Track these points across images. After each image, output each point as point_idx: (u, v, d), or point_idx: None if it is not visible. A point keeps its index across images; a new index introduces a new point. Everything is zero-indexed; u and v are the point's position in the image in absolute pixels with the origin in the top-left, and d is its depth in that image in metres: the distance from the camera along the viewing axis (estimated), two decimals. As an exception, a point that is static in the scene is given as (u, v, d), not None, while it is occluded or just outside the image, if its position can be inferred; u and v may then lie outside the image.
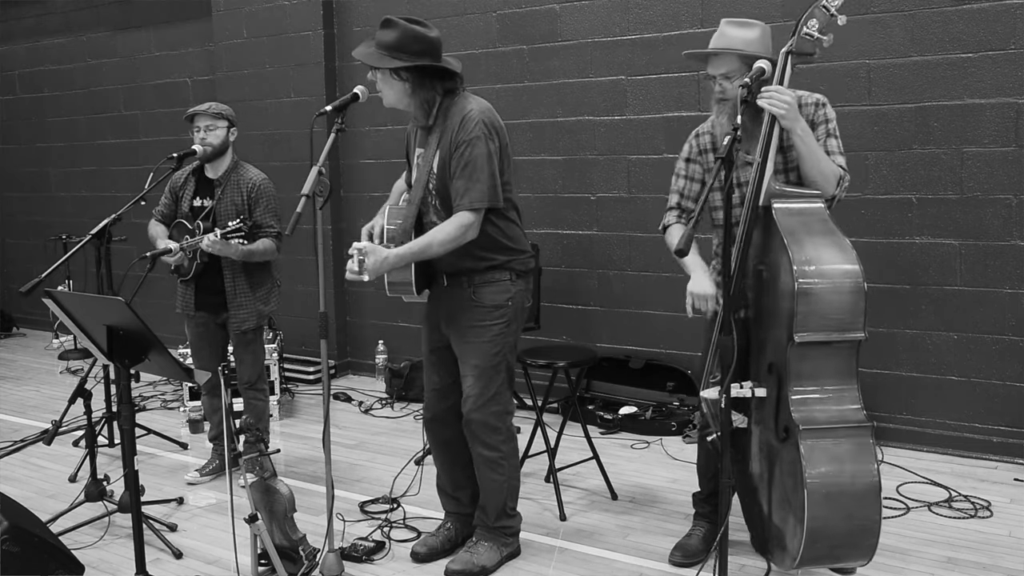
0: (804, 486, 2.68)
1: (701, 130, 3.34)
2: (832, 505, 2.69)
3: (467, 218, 3.15)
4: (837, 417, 2.76)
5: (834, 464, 2.72)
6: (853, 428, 2.76)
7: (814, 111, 3.08)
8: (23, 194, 8.56)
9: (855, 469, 2.72)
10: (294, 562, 3.32)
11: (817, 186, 2.96)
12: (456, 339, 3.36)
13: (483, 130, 3.19)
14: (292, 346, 6.48)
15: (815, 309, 2.73)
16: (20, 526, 3.04)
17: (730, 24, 3.09)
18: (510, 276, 3.34)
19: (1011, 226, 4.34)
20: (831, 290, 2.75)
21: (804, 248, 2.78)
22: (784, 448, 2.80)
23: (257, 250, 4.15)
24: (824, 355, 2.79)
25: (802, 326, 2.73)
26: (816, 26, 2.90)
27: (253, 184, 4.25)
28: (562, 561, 3.50)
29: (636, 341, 5.39)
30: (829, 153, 3.03)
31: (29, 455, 4.92)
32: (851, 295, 2.76)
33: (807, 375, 2.79)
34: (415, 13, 5.85)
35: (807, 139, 2.93)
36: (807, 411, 2.76)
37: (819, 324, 2.74)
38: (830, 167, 2.98)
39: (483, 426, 3.33)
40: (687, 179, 3.36)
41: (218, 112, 4.22)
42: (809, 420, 2.75)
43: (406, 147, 3.50)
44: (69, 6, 7.91)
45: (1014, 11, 4.25)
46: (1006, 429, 4.43)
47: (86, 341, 3.14)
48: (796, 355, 2.76)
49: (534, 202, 5.63)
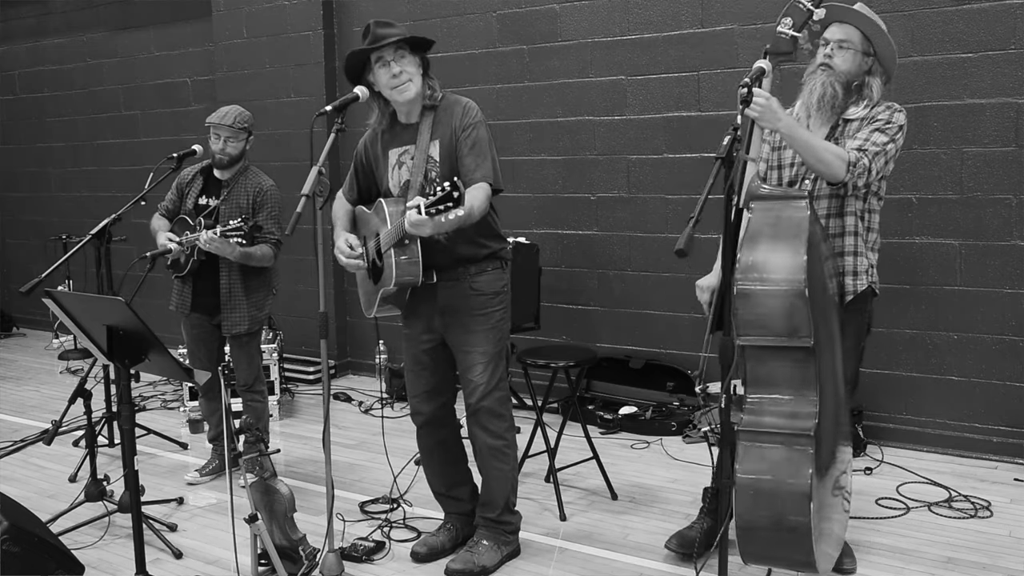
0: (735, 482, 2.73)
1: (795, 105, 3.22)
2: (758, 507, 2.72)
3: (487, 188, 3.18)
4: (782, 424, 2.76)
5: (765, 467, 2.73)
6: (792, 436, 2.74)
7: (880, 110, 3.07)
8: (23, 194, 8.56)
9: (786, 474, 2.72)
10: (294, 562, 3.32)
11: (822, 175, 2.95)
12: (458, 331, 3.35)
13: (482, 118, 3.27)
14: (292, 346, 6.48)
15: (752, 312, 2.73)
16: (20, 526, 3.04)
17: (864, 7, 3.09)
18: (501, 264, 3.39)
19: (1011, 226, 4.34)
20: (766, 295, 2.72)
21: (755, 251, 2.76)
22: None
23: (254, 255, 4.13)
24: (775, 359, 2.78)
25: (742, 328, 2.74)
26: (791, 23, 2.88)
27: (260, 189, 4.25)
28: (562, 561, 3.50)
29: (636, 341, 5.39)
30: (864, 140, 2.99)
31: (29, 455, 4.92)
32: (788, 299, 2.71)
33: (762, 380, 2.80)
34: (415, 13, 5.89)
35: (793, 134, 2.89)
36: (755, 414, 2.79)
37: (757, 328, 2.73)
38: (829, 154, 2.93)
39: (490, 413, 3.35)
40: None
41: (242, 126, 4.21)
42: (752, 423, 2.77)
43: (363, 157, 3.47)
44: (69, 6, 7.92)
45: (1014, 11, 4.25)
46: (1006, 429, 4.43)
47: (86, 341, 3.14)
48: (749, 357, 2.79)
49: (534, 202, 5.63)
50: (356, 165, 3.50)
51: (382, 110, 3.31)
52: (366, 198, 3.50)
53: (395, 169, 3.35)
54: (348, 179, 3.54)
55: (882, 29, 3.10)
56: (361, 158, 3.48)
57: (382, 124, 3.35)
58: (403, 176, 3.32)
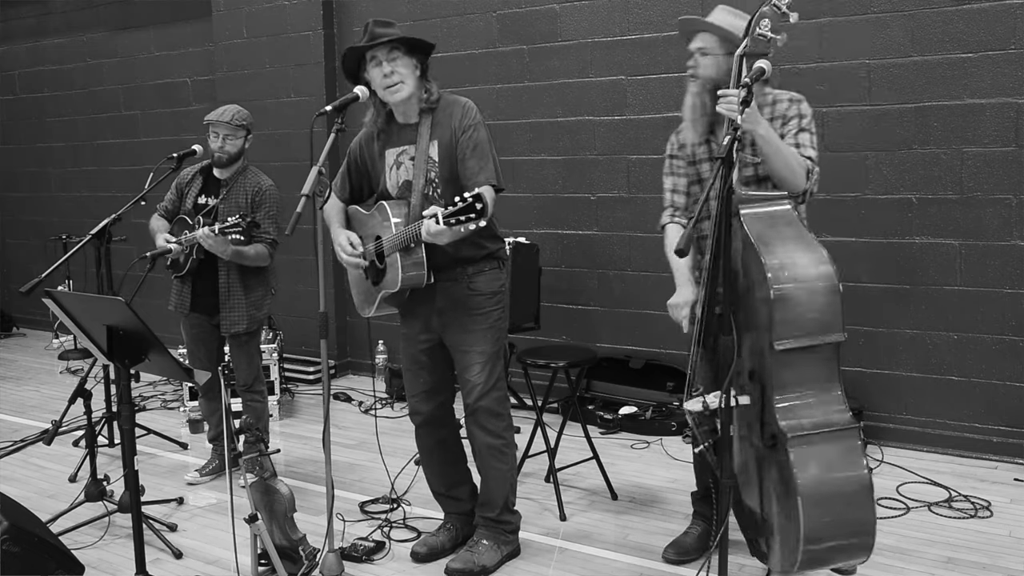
0: (797, 493, 2.65)
1: (681, 127, 3.31)
2: (825, 509, 2.67)
3: (492, 192, 3.16)
4: (823, 421, 2.73)
5: (824, 469, 2.68)
6: (840, 431, 2.72)
7: (787, 107, 3.07)
8: (23, 194, 8.56)
9: (845, 472, 2.70)
10: (294, 562, 3.32)
11: (786, 183, 2.93)
12: (457, 331, 3.35)
13: (481, 118, 3.27)
14: (292, 346, 6.48)
15: (792, 314, 2.68)
16: (20, 526, 3.04)
17: (724, 10, 3.10)
18: (498, 264, 3.39)
19: (1011, 226, 4.34)
20: (806, 293, 2.69)
21: (775, 253, 2.72)
22: (772, 454, 2.78)
23: (247, 254, 4.11)
24: (805, 360, 2.73)
25: (780, 334, 2.67)
26: (769, 26, 2.88)
27: (259, 188, 4.25)
28: (562, 561, 3.50)
29: (636, 341, 5.39)
30: (799, 146, 3.00)
31: (29, 455, 4.92)
32: (826, 296, 2.70)
33: (790, 382, 2.74)
34: (415, 13, 5.89)
35: (770, 138, 2.89)
36: (793, 418, 2.72)
37: (797, 330, 2.69)
38: (797, 162, 2.94)
39: (488, 413, 3.35)
40: (673, 175, 3.36)
41: (240, 124, 4.21)
42: (796, 427, 2.70)
43: (357, 156, 3.46)
44: (69, 6, 7.91)
45: (1014, 11, 4.25)
46: (1006, 429, 4.43)
47: (86, 341, 3.14)
48: (777, 362, 2.71)
49: (534, 202, 5.63)
50: (349, 164, 3.49)
51: (378, 109, 3.31)
52: (358, 197, 3.50)
53: (393, 169, 3.34)
54: (340, 177, 3.53)
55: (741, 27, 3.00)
56: (355, 157, 3.47)
57: (378, 123, 3.34)
58: (401, 176, 3.32)
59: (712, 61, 3.05)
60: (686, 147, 3.28)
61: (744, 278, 2.84)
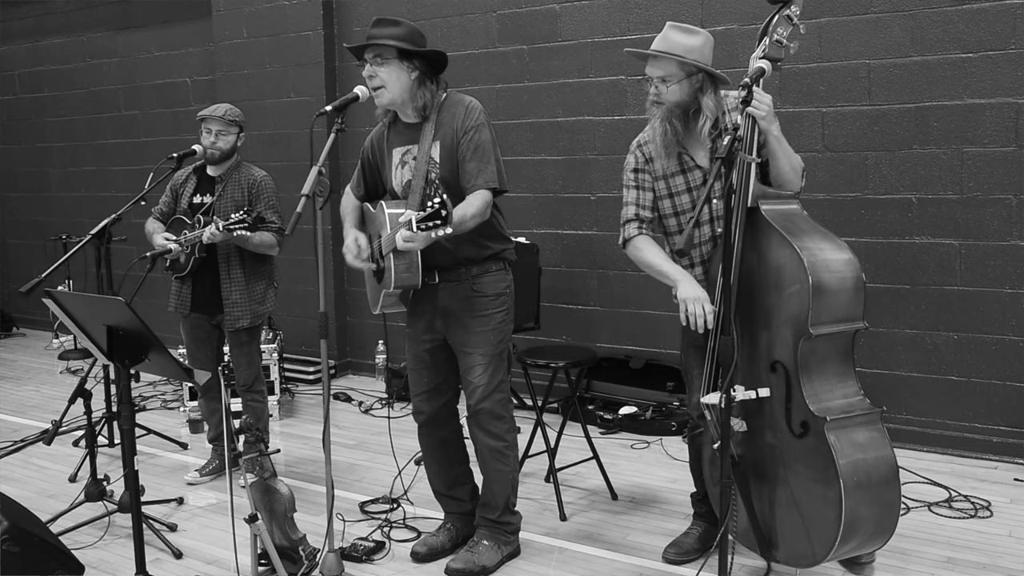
0: (839, 477, 2.72)
1: (643, 139, 3.27)
2: (863, 493, 2.76)
3: (488, 196, 3.16)
4: (846, 406, 2.85)
5: (859, 451, 2.79)
6: (866, 415, 2.85)
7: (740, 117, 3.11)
8: (23, 194, 8.56)
9: (876, 453, 2.82)
10: (294, 562, 3.32)
11: (789, 182, 3.03)
12: (459, 332, 3.35)
13: (485, 118, 3.25)
14: (292, 346, 6.48)
15: (827, 301, 2.80)
16: (20, 526, 3.04)
17: (674, 29, 3.09)
18: (504, 265, 3.39)
19: (1011, 226, 4.34)
20: (838, 280, 2.83)
21: (805, 243, 2.83)
22: (801, 443, 2.83)
23: (252, 239, 4.09)
24: (829, 348, 2.86)
25: (816, 319, 2.78)
26: (785, 33, 2.95)
27: (254, 180, 4.25)
28: (562, 561, 3.50)
29: (636, 341, 5.39)
30: None
31: (29, 455, 4.92)
32: (854, 283, 2.87)
33: (814, 368, 2.85)
34: (415, 13, 5.88)
35: (781, 138, 2.98)
36: (822, 403, 2.83)
37: (831, 316, 2.82)
38: (798, 161, 3.06)
39: (490, 415, 3.34)
40: (638, 189, 3.28)
41: (232, 120, 4.23)
42: (826, 411, 2.81)
43: (369, 154, 3.46)
44: (69, 6, 7.92)
45: (1014, 11, 4.25)
46: (1006, 429, 4.43)
47: (86, 341, 3.14)
48: (809, 350, 2.82)
49: (534, 202, 5.63)
50: (364, 160, 3.49)
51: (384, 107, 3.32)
52: (374, 194, 3.50)
53: (398, 168, 3.35)
54: (356, 174, 3.54)
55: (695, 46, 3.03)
56: (368, 154, 3.48)
57: (387, 120, 3.37)
58: (405, 176, 3.32)
59: (676, 87, 3.06)
60: (653, 162, 3.23)
61: (763, 271, 2.90)
